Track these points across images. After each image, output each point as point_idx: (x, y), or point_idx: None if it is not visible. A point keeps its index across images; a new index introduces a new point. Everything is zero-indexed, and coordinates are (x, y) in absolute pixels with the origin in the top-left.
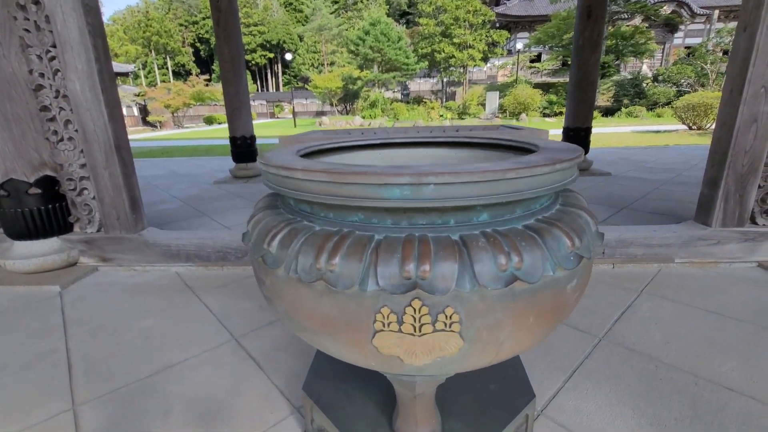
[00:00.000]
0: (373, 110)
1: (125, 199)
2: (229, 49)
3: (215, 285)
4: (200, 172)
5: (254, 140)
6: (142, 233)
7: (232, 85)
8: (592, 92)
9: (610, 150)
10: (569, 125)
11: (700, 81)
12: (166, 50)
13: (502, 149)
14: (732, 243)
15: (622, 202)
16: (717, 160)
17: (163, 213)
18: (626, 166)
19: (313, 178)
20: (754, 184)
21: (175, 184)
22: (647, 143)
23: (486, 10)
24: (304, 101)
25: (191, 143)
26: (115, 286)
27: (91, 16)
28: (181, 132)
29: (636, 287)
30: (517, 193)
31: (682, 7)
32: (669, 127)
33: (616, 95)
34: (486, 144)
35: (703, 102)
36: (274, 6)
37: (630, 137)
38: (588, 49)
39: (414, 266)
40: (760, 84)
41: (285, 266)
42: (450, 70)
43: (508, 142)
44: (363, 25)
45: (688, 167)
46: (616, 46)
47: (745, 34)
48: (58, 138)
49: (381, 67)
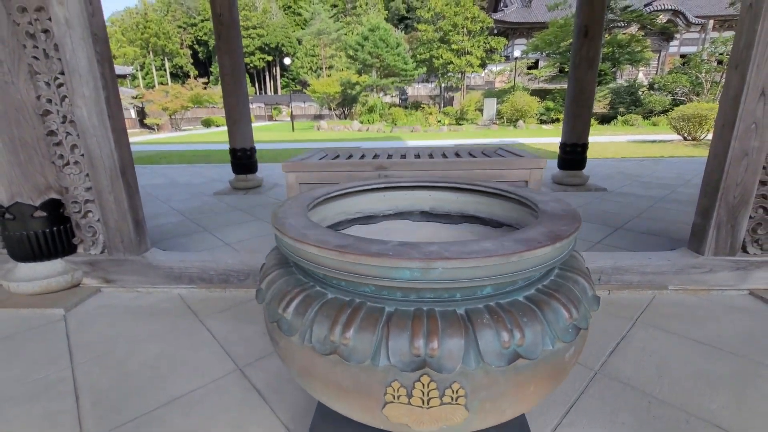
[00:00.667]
0: (371, 115)
1: (129, 221)
2: (231, 61)
3: (218, 308)
4: (200, 182)
5: (254, 152)
6: (145, 255)
7: (233, 96)
8: (588, 109)
9: (607, 162)
10: (566, 141)
11: (694, 90)
12: (164, 52)
13: (501, 198)
14: (724, 271)
15: (617, 222)
16: (709, 192)
17: (164, 227)
18: (622, 181)
19: (326, 255)
20: (745, 215)
21: (174, 194)
22: (643, 154)
23: (484, 17)
24: (302, 104)
25: (190, 148)
26: (119, 309)
27: (100, 45)
28: (179, 135)
29: (631, 315)
30: (520, 272)
31: (678, 16)
32: (664, 137)
33: (612, 103)
34: (487, 192)
35: (698, 113)
36: (273, 9)
37: (626, 147)
38: (584, 66)
39: (423, 343)
40: (750, 120)
41: (300, 335)
42: (448, 75)
43: (507, 194)
44: (362, 31)
45: (682, 183)
46: (612, 54)
47: (736, 72)
48: (64, 162)
49: (379, 73)
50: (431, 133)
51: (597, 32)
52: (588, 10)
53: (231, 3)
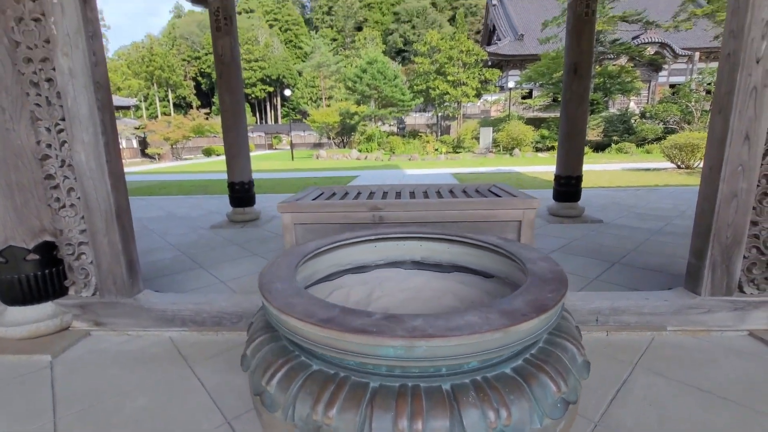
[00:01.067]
0: (370, 144)
1: (123, 264)
2: (231, 98)
3: (210, 353)
4: (197, 215)
5: (252, 185)
6: (137, 297)
7: (232, 131)
8: (581, 142)
9: (602, 192)
10: (560, 173)
11: (685, 119)
12: (168, 84)
13: (490, 251)
14: (722, 311)
15: (613, 256)
16: (701, 232)
17: (159, 264)
18: (618, 212)
19: (310, 330)
20: (739, 255)
21: (171, 228)
22: (637, 182)
23: (478, 50)
24: (302, 133)
25: (190, 178)
26: (108, 354)
27: (101, 92)
28: (180, 164)
29: (630, 359)
30: (505, 347)
31: (665, 48)
32: (658, 165)
33: (605, 131)
34: (477, 245)
35: (689, 142)
36: (275, 43)
37: (621, 176)
38: (575, 102)
39: (407, 425)
40: (737, 163)
41: (283, 411)
42: (445, 105)
43: (496, 248)
44: (360, 64)
45: (677, 214)
46: (603, 84)
47: (720, 116)
48: (60, 205)
49: (378, 103)
50: (429, 161)
51: (586, 70)
52: (576, 49)
53: (232, 44)
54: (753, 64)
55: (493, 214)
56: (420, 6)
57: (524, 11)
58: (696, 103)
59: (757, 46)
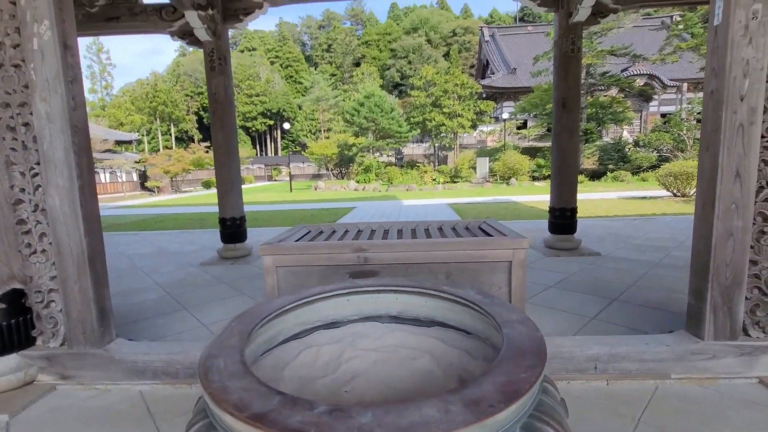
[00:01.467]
0: (368, 175)
1: (94, 312)
2: (224, 136)
3: (181, 410)
4: (189, 250)
5: (244, 220)
6: (108, 347)
7: (225, 168)
8: (574, 174)
9: (599, 223)
10: (554, 205)
11: (678, 147)
12: (171, 118)
13: (468, 308)
14: (728, 357)
15: (612, 292)
16: (699, 271)
17: (142, 305)
18: (615, 244)
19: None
20: (741, 296)
21: (161, 265)
22: (634, 211)
23: (472, 83)
24: (302, 164)
25: (186, 211)
26: (71, 413)
27: (78, 136)
28: (178, 197)
29: (633, 413)
30: None
31: (654, 79)
32: (654, 193)
33: (601, 159)
34: (454, 300)
35: (684, 171)
36: (275, 79)
37: (617, 204)
38: (566, 135)
39: None
40: (729, 201)
41: None
42: (441, 136)
43: (473, 306)
44: (358, 98)
45: (676, 245)
46: (596, 114)
47: (708, 154)
48: (31, 250)
49: (375, 135)
50: (426, 191)
51: (574, 104)
52: (564, 84)
53: (226, 83)
54: (737, 102)
55: (482, 255)
56: (416, 43)
57: (516, 46)
58: (688, 132)
59: (740, 84)
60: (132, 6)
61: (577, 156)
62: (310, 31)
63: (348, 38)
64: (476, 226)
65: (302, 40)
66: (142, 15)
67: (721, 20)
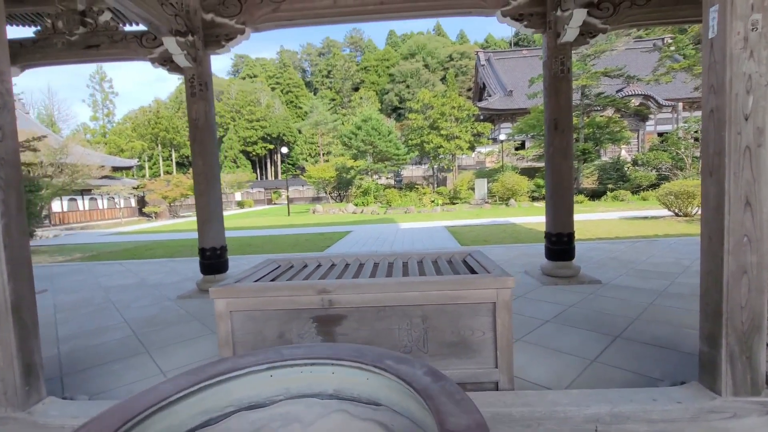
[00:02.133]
0: (366, 197)
1: (17, 368)
2: (204, 162)
3: None
4: (171, 281)
5: (225, 250)
6: (33, 409)
7: (205, 196)
8: (569, 198)
9: (599, 246)
10: (550, 231)
11: (677, 165)
12: (172, 144)
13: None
14: (752, 416)
15: (615, 327)
16: (711, 314)
17: (100, 349)
18: (616, 270)
19: None
20: (761, 343)
21: (136, 299)
22: (635, 233)
23: (469, 106)
24: (301, 188)
25: (179, 237)
26: None
27: (6, 170)
28: (174, 223)
29: None
30: None
31: (649, 99)
32: (655, 213)
33: (600, 179)
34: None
35: (684, 190)
36: (276, 104)
37: (618, 225)
38: (559, 156)
39: None
40: (740, 233)
41: None
42: (440, 158)
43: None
44: (356, 121)
45: (681, 270)
46: (593, 134)
47: (712, 180)
48: None
49: (373, 157)
50: (425, 213)
51: (567, 125)
52: (555, 106)
53: (207, 108)
54: (741, 122)
55: (461, 296)
56: (413, 68)
57: (511, 70)
58: (686, 150)
59: (743, 101)
60: (112, 34)
61: (572, 178)
62: (310, 58)
63: (347, 64)
64: (460, 260)
65: (302, 66)
66: (122, 42)
67: (717, 32)
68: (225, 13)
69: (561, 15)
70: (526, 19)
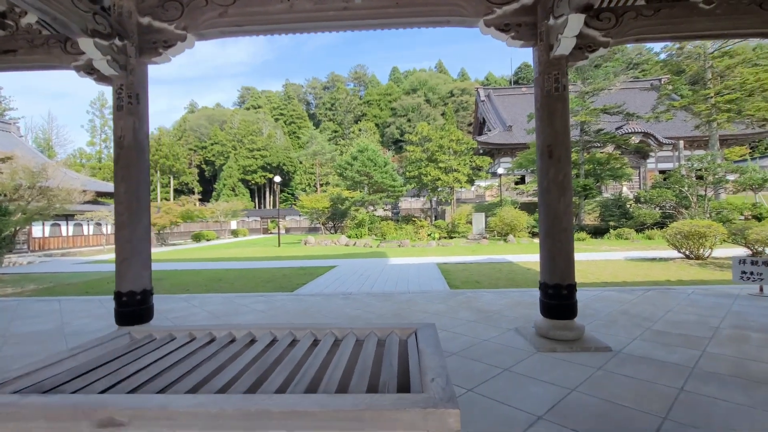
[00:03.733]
0: (360, 230)
1: None
2: (126, 189)
3: None
4: (95, 328)
5: (149, 295)
6: None
7: (126, 229)
8: (568, 240)
9: (606, 294)
10: (546, 281)
11: (681, 203)
12: (171, 171)
13: None
14: None
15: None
16: None
17: None
18: (629, 330)
19: None
20: None
21: (28, 355)
22: (645, 277)
23: (468, 139)
24: (298, 218)
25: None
26: None
27: None
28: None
29: None
30: None
31: (649, 137)
32: (664, 254)
33: (602, 215)
34: None
35: (695, 231)
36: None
37: (624, 268)
38: (556, 191)
39: None
40: None
41: None
42: (438, 191)
43: None
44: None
45: (709, 333)
46: (594, 170)
47: None
48: None
49: (369, 188)
50: (419, 248)
51: (563, 153)
52: (549, 129)
53: (136, 125)
54: None
55: None
56: (415, 102)
57: (511, 106)
58: (689, 188)
59: None
60: (33, 37)
61: (570, 217)
62: (315, 92)
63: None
64: (412, 332)
65: (307, 99)
66: (43, 47)
67: None
68: (164, 16)
69: (554, 23)
70: (513, 30)
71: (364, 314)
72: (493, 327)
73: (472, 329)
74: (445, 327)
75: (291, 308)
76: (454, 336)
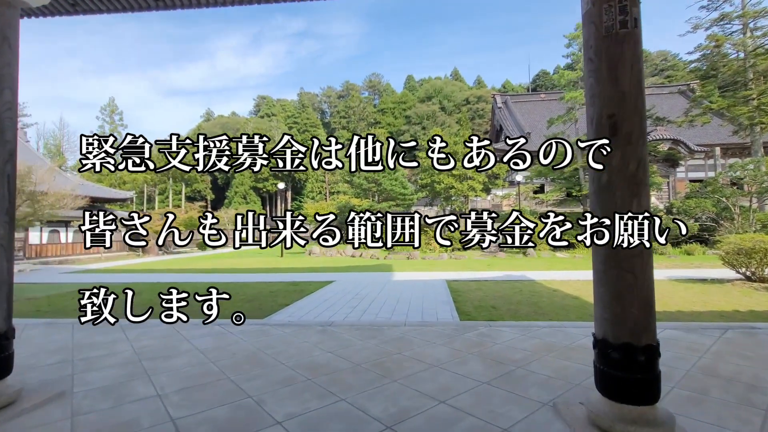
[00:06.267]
0: None
1: None
2: None
3: None
4: None
5: (7, 339)
6: None
7: None
8: (644, 270)
9: (668, 335)
10: (606, 336)
11: (722, 215)
12: (183, 178)
13: None
14: None
15: None
16: None
17: None
18: (730, 410)
19: None
20: None
21: None
22: (705, 306)
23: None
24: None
25: (140, 280)
26: None
27: None
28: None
29: None
30: None
31: (679, 144)
32: (714, 273)
33: None
34: None
35: (760, 247)
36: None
37: (673, 292)
38: (623, 188)
39: None
40: None
41: None
42: (452, 199)
43: None
44: None
45: None
46: None
47: None
48: None
49: (378, 196)
50: (429, 261)
51: (636, 129)
52: (611, 89)
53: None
54: None
55: None
56: (429, 110)
57: (529, 112)
58: (730, 198)
59: None
60: None
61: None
62: (329, 101)
63: (362, 105)
64: None
65: (322, 108)
66: None
67: None
68: None
69: None
70: None
71: (332, 363)
72: (516, 397)
73: (485, 400)
74: (443, 392)
75: (240, 349)
76: (456, 416)
